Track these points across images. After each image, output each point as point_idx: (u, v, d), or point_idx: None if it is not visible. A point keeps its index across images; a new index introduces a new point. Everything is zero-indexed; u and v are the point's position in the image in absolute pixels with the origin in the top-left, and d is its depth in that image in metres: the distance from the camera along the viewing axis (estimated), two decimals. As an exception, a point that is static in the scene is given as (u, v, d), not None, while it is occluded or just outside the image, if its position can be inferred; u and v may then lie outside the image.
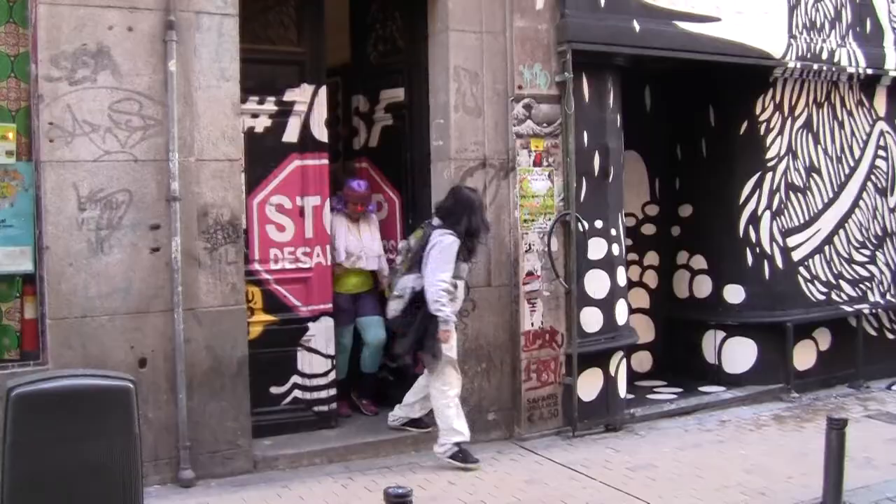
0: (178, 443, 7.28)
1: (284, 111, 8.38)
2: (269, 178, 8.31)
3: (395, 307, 7.99)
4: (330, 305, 8.61)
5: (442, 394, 7.88)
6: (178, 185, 7.23)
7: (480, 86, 8.64)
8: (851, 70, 11.08)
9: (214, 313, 7.47)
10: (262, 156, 8.21)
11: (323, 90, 8.51)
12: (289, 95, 8.38)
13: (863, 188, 11.47)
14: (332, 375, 8.63)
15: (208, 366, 7.45)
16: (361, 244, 8.88)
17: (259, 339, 8.11)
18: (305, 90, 8.44)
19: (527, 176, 8.78)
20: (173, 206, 7.22)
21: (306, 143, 8.45)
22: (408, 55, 9.12)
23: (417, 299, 7.79)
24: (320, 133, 8.51)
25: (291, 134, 8.41)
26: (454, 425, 7.84)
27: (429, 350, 7.72)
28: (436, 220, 7.96)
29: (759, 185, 10.61)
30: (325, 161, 8.61)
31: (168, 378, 7.27)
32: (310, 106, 8.46)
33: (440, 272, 7.65)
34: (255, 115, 8.20)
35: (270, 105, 8.30)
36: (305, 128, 8.45)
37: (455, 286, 7.77)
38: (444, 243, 7.71)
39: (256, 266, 8.25)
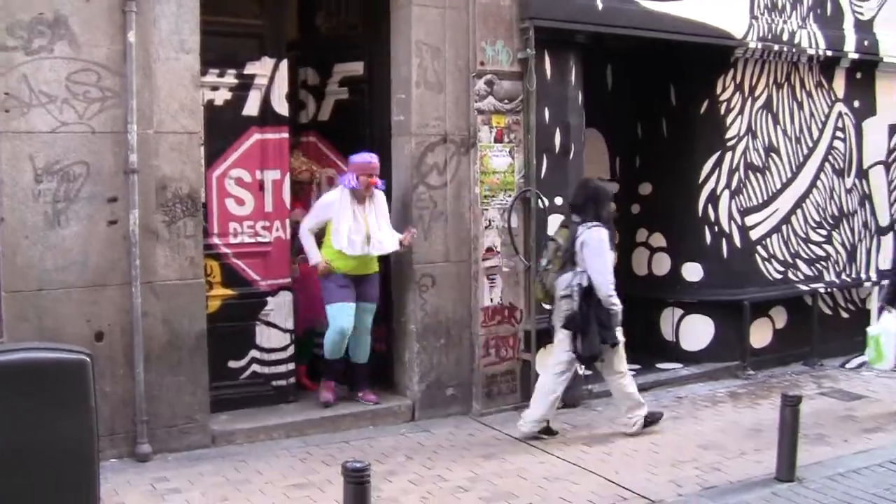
0: (135, 417, 7.25)
1: (245, 84, 8.30)
2: (229, 151, 8.23)
3: (566, 306, 8.01)
4: (289, 280, 8.57)
5: (620, 376, 8.19)
6: (137, 157, 7.16)
7: (442, 61, 8.61)
8: (811, 51, 11.14)
9: (172, 287, 7.42)
10: (222, 129, 8.13)
11: (284, 64, 8.45)
12: (249, 68, 8.30)
13: (820, 169, 11.55)
14: (291, 350, 8.60)
15: (166, 340, 7.41)
16: (367, 229, 8.35)
17: (217, 314, 8.07)
18: (266, 63, 8.36)
19: (487, 152, 8.78)
20: (131, 178, 7.15)
21: (266, 116, 8.39)
22: (366, 29, 9.07)
23: (586, 295, 7.89)
24: (280, 107, 8.45)
25: (252, 107, 8.34)
26: (638, 398, 8.25)
27: (610, 340, 7.91)
28: (575, 217, 8.14)
29: (718, 164, 10.67)
30: (286, 135, 8.55)
31: (125, 352, 7.23)
32: (270, 79, 8.39)
33: (606, 266, 7.90)
34: (215, 88, 8.12)
35: (231, 78, 8.22)
36: (266, 101, 8.38)
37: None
38: (598, 238, 7.90)
39: (215, 240, 8.19)
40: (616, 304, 7.91)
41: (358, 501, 4.89)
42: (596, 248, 7.86)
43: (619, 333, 8.04)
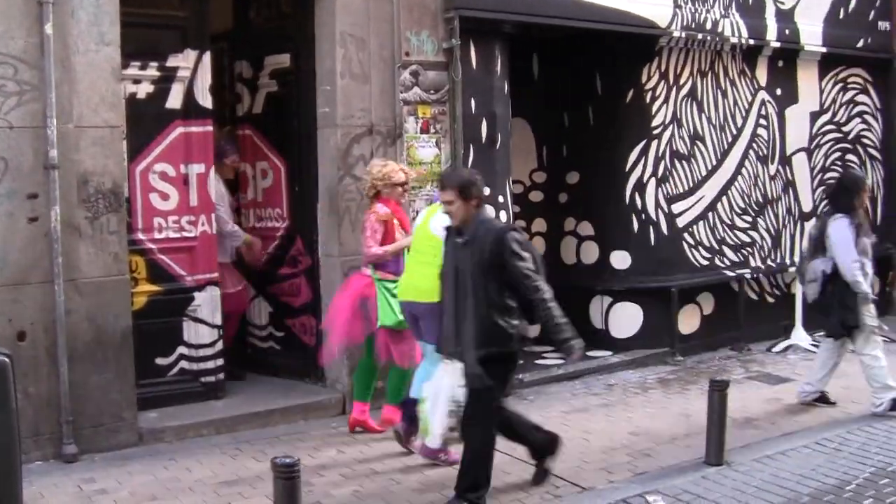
0: (60, 417, 7.11)
1: (167, 77, 8.18)
2: (152, 145, 8.11)
3: (812, 290, 8.68)
4: (216, 274, 8.47)
5: (873, 359, 8.49)
6: (57, 152, 7.02)
7: (367, 52, 8.57)
8: (734, 40, 11.27)
9: (96, 284, 7.30)
10: (145, 122, 8.01)
11: (207, 56, 8.35)
12: (172, 61, 8.19)
13: (745, 156, 11.70)
14: (220, 346, 8.51)
15: (91, 338, 7.28)
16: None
17: (143, 310, 7.96)
18: (189, 55, 8.25)
19: (414, 143, 8.76)
20: (52, 174, 7.00)
21: (190, 109, 8.28)
22: (294, 20, 8.99)
23: (828, 281, 8.47)
24: (204, 99, 8.35)
25: (175, 100, 8.23)
26: (888, 382, 8.45)
27: (851, 323, 8.43)
28: (828, 207, 8.85)
29: (644, 152, 10.75)
30: (210, 128, 8.45)
31: (49, 351, 7.09)
32: (193, 72, 8.28)
33: (848, 254, 8.30)
34: (136, 81, 7.99)
35: (153, 70, 8.09)
36: (189, 94, 8.28)
37: (863, 262, 8.40)
38: (839, 228, 8.37)
39: (140, 235, 8.07)
40: (861, 287, 8.33)
41: (288, 497, 4.85)
42: (836, 238, 8.35)
43: (872, 319, 8.50)
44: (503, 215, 9.36)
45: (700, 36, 10.87)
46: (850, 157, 12.96)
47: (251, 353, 9.62)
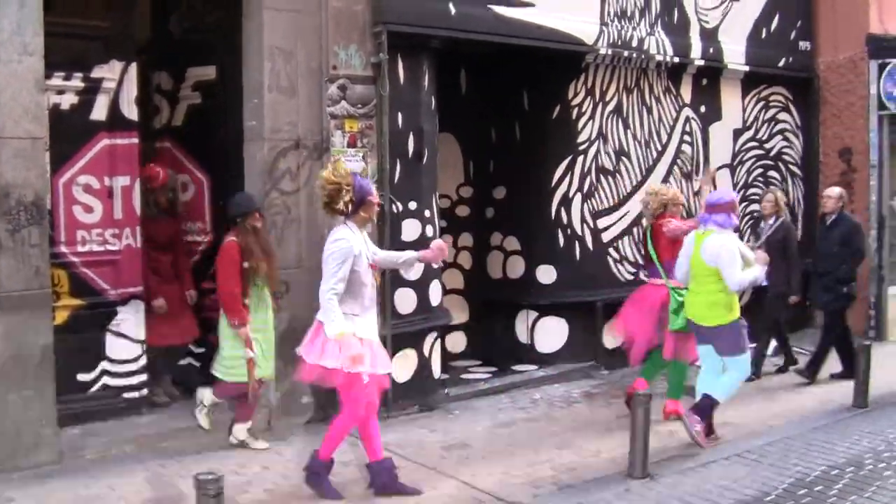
0: (-24, 436, 6.97)
1: (92, 88, 8.10)
2: (76, 157, 8.03)
3: None
4: (140, 288, 8.38)
5: None
6: (-23, 163, 6.90)
7: (295, 65, 8.54)
8: (660, 58, 11.43)
9: (16, 298, 7.14)
10: (69, 134, 7.92)
11: (133, 67, 8.28)
12: (97, 72, 8.11)
13: (669, 172, 11.86)
14: (143, 361, 8.42)
15: (10, 354, 7.11)
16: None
17: (65, 325, 7.86)
18: (114, 66, 8.18)
19: (341, 157, 8.69)
20: (-29, 186, 6.88)
21: (115, 121, 8.20)
22: (220, 32, 8.92)
23: None
24: (130, 111, 8.28)
25: (100, 112, 8.15)
26: None
27: None
28: None
29: (570, 168, 10.85)
30: (135, 140, 8.39)
31: (-35, 367, 6.94)
32: (119, 83, 8.22)
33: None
34: (61, 92, 7.90)
35: (77, 81, 8.01)
36: (114, 106, 8.21)
37: None
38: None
39: (62, 248, 7.98)
40: None
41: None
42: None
43: None
44: (429, 230, 9.37)
45: (626, 53, 11.02)
46: (771, 173, 13.22)
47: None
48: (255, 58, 8.48)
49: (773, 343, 11.04)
